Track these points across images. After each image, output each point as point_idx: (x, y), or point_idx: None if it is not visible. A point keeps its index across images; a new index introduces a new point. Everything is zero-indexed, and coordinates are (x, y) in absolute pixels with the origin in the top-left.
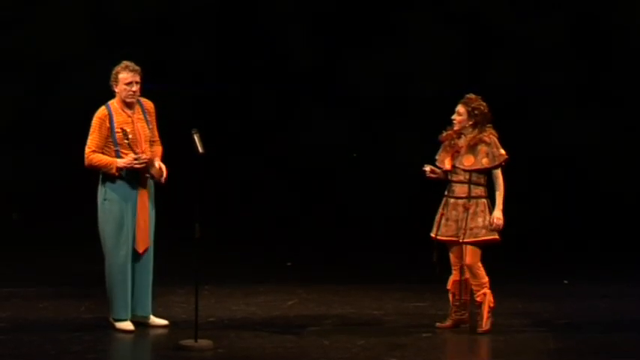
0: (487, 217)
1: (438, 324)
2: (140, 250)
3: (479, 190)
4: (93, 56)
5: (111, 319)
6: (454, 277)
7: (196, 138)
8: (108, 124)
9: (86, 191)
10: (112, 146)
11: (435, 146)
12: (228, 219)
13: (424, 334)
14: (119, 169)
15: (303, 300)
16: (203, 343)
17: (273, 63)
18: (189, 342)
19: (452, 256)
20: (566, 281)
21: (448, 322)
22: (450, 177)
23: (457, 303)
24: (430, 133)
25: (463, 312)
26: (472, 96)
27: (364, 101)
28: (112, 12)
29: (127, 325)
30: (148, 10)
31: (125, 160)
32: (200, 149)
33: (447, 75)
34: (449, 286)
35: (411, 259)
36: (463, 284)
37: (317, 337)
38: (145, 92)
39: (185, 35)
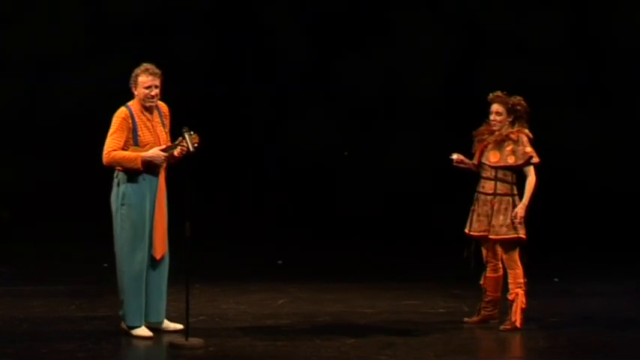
0: (509, 216)
1: (466, 319)
2: (158, 257)
3: (504, 188)
4: (88, 57)
5: (124, 326)
6: (486, 273)
7: (187, 136)
8: (130, 125)
9: (78, 191)
10: (130, 148)
11: (431, 145)
12: (218, 217)
13: (415, 333)
14: (144, 162)
15: (294, 298)
16: (194, 341)
17: (267, 62)
18: (181, 340)
19: (485, 252)
20: (556, 279)
21: (476, 318)
22: (479, 172)
23: (487, 299)
24: (425, 132)
25: (492, 309)
26: (501, 93)
27: (358, 100)
28: (107, 12)
29: (145, 332)
30: (144, 10)
31: (150, 153)
32: (191, 147)
33: (441, 74)
34: (481, 281)
35: (404, 257)
36: (495, 281)
37: (308, 336)
38: None
39: (180, 35)
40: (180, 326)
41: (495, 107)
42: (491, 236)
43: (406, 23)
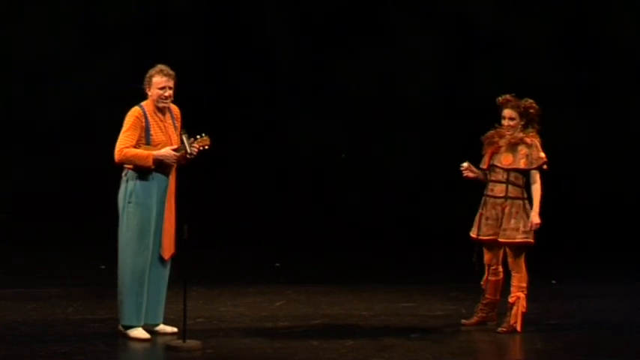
0: (521, 220)
1: (463, 321)
2: (166, 257)
3: (516, 191)
4: (87, 57)
5: (121, 328)
6: (487, 276)
7: (184, 139)
8: (143, 124)
9: (76, 193)
10: (142, 147)
11: (429, 146)
12: (216, 220)
13: (413, 335)
14: (156, 160)
15: (292, 301)
16: (192, 343)
17: (261, 63)
18: (178, 342)
19: (489, 256)
20: (554, 281)
21: (473, 320)
22: (488, 176)
23: (485, 301)
24: (418, 133)
25: (489, 311)
26: (510, 96)
27: (353, 101)
28: (99, 14)
29: (141, 333)
30: (136, 11)
31: (162, 151)
32: (188, 150)
33: (435, 75)
34: (482, 283)
35: (401, 259)
36: (495, 285)
37: (305, 338)
38: (133, 92)
39: (173, 35)
40: (175, 329)
41: (508, 113)
42: (501, 239)
43: (400, 24)
